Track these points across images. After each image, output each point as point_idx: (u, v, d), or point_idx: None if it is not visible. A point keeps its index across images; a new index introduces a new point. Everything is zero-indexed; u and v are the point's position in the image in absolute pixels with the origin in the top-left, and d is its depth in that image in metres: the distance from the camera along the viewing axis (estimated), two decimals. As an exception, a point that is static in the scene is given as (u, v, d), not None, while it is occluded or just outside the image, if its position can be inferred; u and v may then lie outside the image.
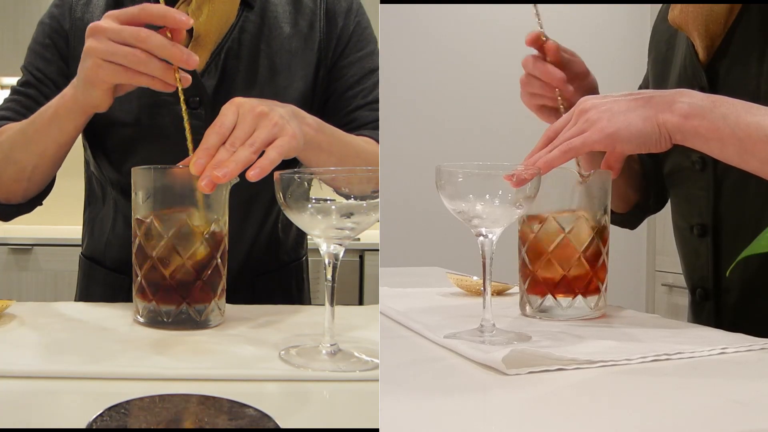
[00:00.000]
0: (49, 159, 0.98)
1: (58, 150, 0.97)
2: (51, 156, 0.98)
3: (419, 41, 3.23)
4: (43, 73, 1.08)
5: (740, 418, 0.53)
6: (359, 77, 1.13)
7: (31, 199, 1.05)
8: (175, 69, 0.84)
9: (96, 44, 0.83)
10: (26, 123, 0.97)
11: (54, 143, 0.96)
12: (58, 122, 0.93)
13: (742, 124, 0.79)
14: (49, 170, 1.01)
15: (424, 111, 3.23)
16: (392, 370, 0.65)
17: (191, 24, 0.84)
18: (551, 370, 0.64)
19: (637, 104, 0.83)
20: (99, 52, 0.83)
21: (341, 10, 1.13)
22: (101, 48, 0.83)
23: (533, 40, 0.99)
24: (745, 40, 0.94)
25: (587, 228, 0.89)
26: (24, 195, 1.03)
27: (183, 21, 0.83)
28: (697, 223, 1.01)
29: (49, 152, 0.97)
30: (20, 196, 1.03)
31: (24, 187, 1.02)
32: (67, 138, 0.96)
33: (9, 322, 0.82)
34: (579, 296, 0.89)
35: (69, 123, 0.93)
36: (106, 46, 0.83)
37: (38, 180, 1.02)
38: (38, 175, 1.01)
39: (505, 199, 0.74)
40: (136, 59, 0.82)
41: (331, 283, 0.71)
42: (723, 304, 1.00)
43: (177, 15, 0.83)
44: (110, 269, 1.14)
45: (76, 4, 1.09)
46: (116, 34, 0.83)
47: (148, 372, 0.65)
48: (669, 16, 1.00)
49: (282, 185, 0.70)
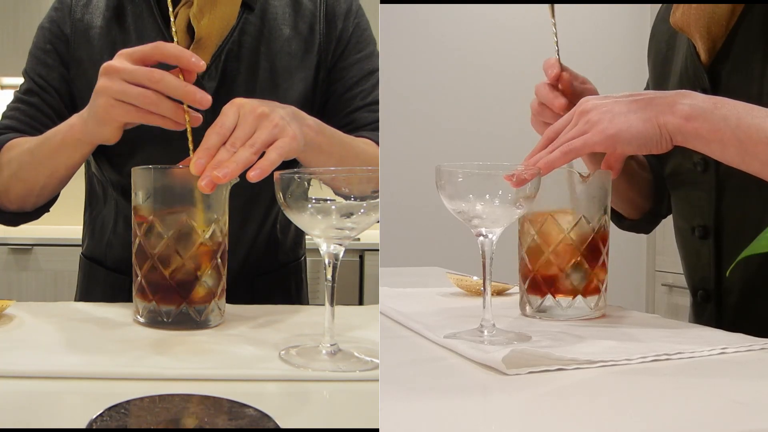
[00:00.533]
0: (57, 179, 1.01)
1: (66, 171, 1.00)
2: (59, 177, 1.01)
3: (419, 41, 3.23)
4: (45, 80, 1.09)
5: (740, 418, 0.53)
6: (359, 78, 1.13)
7: (39, 207, 1.07)
8: (186, 108, 0.85)
9: (109, 84, 0.84)
10: (34, 145, 0.99)
11: (62, 167, 0.98)
12: (66, 150, 0.95)
13: (743, 126, 0.79)
14: (57, 188, 1.04)
15: (424, 111, 3.23)
16: (392, 370, 0.65)
17: (204, 68, 0.85)
18: (551, 370, 0.64)
19: (638, 105, 0.83)
20: (112, 92, 0.84)
21: (341, 11, 1.14)
22: (114, 88, 0.83)
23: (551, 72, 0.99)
24: (746, 42, 0.94)
25: (587, 228, 0.89)
26: (33, 207, 1.06)
27: (196, 64, 0.84)
28: (698, 224, 1.01)
29: (58, 174, 1.00)
30: (29, 208, 1.06)
31: (33, 202, 1.05)
32: (74, 163, 0.98)
33: (9, 322, 0.82)
34: (579, 296, 0.89)
35: (76, 152, 0.95)
36: (120, 86, 0.83)
37: (47, 195, 1.05)
38: (47, 192, 1.04)
39: (505, 199, 0.74)
40: (149, 100, 0.83)
41: (331, 283, 0.71)
42: (724, 305, 1.00)
43: (190, 57, 0.84)
44: (111, 269, 1.14)
45: (76, 5, 1.09)
46: (130, 74, 0.83)
47: (148, 372, 0.65)
48: (671, 19, 1.00)
49: (282, 185, 0.70)
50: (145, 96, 0.83)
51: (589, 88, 1.03)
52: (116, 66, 0.84)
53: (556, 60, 1.00)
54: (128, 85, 0.83)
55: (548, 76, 0.99)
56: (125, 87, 0.83)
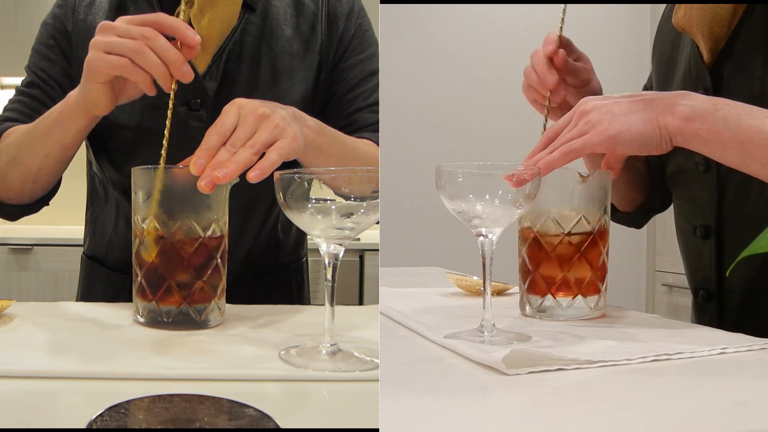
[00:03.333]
0: (53, 161, 0.99)
1: (62, 152, 0.98)
2: (55, 158, 0.99)
3: (419, 41, 3.23)
4: (47, 74, 1.09)
5: (740, 418, 0.53)
6: (360, 79, 1.13)
7: (38, 199, 1.06)
8: (173, 79, 0.85)
9: (100, 37, 0.85)
10: (32, 125, 0.98)
11: (58, 145, 0.97)
12: (62, 124, 0.94)
13: (743, 127, 0.79)
14: (53, 172, 1.02)
15: (424, 111, 3.23)
16: (392, 370, 0.65)
17: (199, 42, 0.85)
18: (551, 370, 0.64)
19: (638, 106, 0.83)
20: (101, 45, 0.84)
21: (342, 12, 1.14)
22: (104, 40, 0.84)
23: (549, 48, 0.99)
24: (748, 42, 0.94)
25: (587, 228, 0.89)
26: (30, 196, 1.05)
27: (192, 37, 0.84)
28: (700, 224, 1.01)
29: (53, 154, 0.98)
30: (27, 197, 1.05)
31: (30, 189, 1.03)
32: (70, 141, 0.96)
33: (9, 322, 0.82)
34: (579, 296, 0.89)
35: (72, 125, 0.94)
36: (110, 38, 0.84)
37: (43, 181, 1.03)
38: (43, 176, 1.02)
39: (505, 199, 0.74)
40: (135, 48, 0.83)
41: (331, 283, 0.71)
42: (726, 305, 1.00)
43: (187, 29, 0.85)
44: (112, 269, 1.14)
45: (79, 5, 1.09)
46: (124, 30, 0.84)
47: (148, 372, 0.65)
48: (673, 19, 1.00)
49: (282, 185, 0.70)
50: (132, 44, 0.83)
51: (584, 68, 1.03)
52: (112, 23, 0.85)
53: (557, 37, 1.00)
54: (119, 38, 0.84)
55: (545, 50, 0.99)
56: (115, 39, 0.84)
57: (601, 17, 3.38)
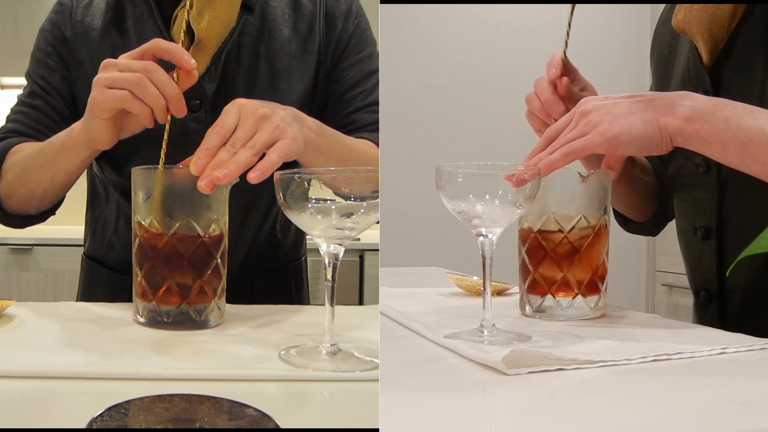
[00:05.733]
0: (58, 184, 1.02)
1: (66, 178, 1.00)
2: (60, 181, 1.01)
3: (419, 41, 3.23)
4: (47, 82, 1.10)
5: (740, 418, 0.53)
6: (358, 79, 1.13)
7: (43, 211, 1.08)
8: (169, 112, 0.85)
9: (103, 74, 0.86)
10: (37, 150, 1.00)
11: (62, 171, 0.99)
12: (65, 154, 0.96)
13: (744, 128, 0.79)
14: (58, 194, 1.05)
15: (423, 111, 3.23)
16: (392, 370, 0.65)
17: (195, 67, 0.86)
18: (551, 370, 0.64)
19: (639, 107, 0.83)
20: (103, 80, 0.85)
21: (340, 12, 1.14)
22: (106, 76, 0.85)
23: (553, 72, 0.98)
24: (748, 44, 0.94)
25: (587, 228, 0.89)
26: (36, 210, 1.07)
27: (188, 62, 0.85)
28: (700, 225, 1.01)
29: (58, 178, 1.00)
30: (33, 211, 1.07)
31: (36, 205, 1.06)
32: (74, 168, 0.99)
33: (9, 322, 0.82)
34: (579, 296, 0.89)
35: (75, 157, 0.96)
36: (112, 74, 0.85)
37: (49, 200, 1.06)
38: (48, 197, 1.05)
39: (505, 199, 0.74)
40: (136, 80, 0.84)
41: (331, 283, 0.71)
42: (727, 306, 0.99)
43: (184, 54, 0.85)
44: (112, 269, 1.14)
45: (76, 7, 1.10)
46: (126, 65, 0.85)
47: (148, 372, 0.65)
48: (672, 21, 1.00)
49: (282, 185, 0.70)
50: (133, 77, 0.84)
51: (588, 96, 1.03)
52: (113, 60, 0.86)
53: (561, 60, 0.99)
54: (120, 73, 0.85)
55: (549, 74, 0.99)
56: (116, 74, 0.85)
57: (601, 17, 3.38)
